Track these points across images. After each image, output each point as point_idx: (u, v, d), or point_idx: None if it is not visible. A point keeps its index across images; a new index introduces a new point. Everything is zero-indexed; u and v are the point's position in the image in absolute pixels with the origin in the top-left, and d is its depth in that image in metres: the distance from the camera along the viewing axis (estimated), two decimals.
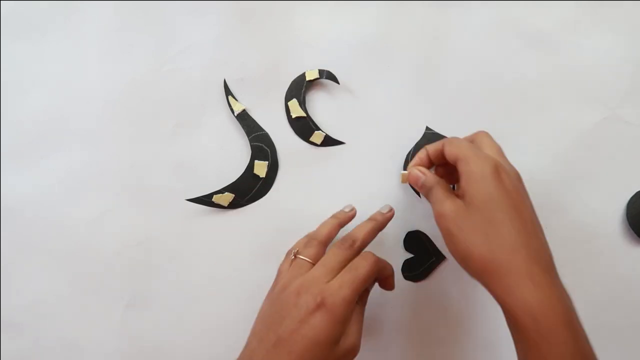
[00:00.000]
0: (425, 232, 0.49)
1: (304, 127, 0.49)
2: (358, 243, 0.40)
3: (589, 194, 0.49)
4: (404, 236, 0.49)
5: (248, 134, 0.49)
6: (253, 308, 0.42)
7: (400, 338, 0.48)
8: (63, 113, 0.49)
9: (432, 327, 0.48)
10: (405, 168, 0.48)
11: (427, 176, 0.41)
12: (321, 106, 0.50)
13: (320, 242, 0.41)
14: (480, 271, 0.36)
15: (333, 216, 0.45)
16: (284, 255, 0.43)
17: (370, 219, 0.43)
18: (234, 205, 0.48)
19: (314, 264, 0.39)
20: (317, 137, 0.49)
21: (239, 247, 0.48)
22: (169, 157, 0.49)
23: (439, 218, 0.38)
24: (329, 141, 0.49)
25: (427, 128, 0.49)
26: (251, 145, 0.48)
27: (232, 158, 0.49)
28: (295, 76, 0.49)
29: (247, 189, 0.48)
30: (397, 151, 0.49)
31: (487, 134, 0.41)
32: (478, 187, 0.36)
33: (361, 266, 0.38)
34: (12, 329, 0.47)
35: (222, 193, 0.48)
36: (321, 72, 0.49)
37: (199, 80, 0.49)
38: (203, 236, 0.48)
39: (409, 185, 0.49)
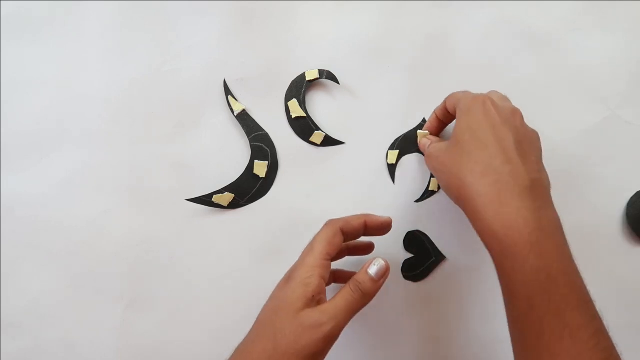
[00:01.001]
0: (425, 232, 0.49)
1: (304, 127, 0.49)
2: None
3: (589, 193, 0.49)
4: (404, 236, 0.49)
5: (248, 134, 0.49)
6: (253, 308, 0.42)
7: (400, 338, 0.48)
8: (63, 113, 0.49)
9: (432, 327, 0.48)
10: (391, 148, 0.49)
11: (432, 141, 0.45)
12: (321, 106, 0.50)
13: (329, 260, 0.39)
14: (456, 198, 0.37)
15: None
16: (282, 255, 0.43)
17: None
18: (234, 205, 0.48)
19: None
20: (317, 137, 0.49)
21: (239, 247, 0.48)
22: (169, 157, 0.49)
23: (426, 160, 0.43)
24: (329, 141, 0.49)
25: (424, 120, 0.49)
26: (251, 145, 0.48)
27: (232, 158, 0.49)
28: (295, 76, 0.49)
29: (247, 189, 0.48)
30: None
31: (496, 91, 0.42)
32: (461, 121, 0.38)
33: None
34: (12, 329, 0.47)
35: (222, 193, 0.48)
36: (321, 72, 0.49)
37: (199, 80, 0.49)
38: (203, 236, 0.48)
39: (408, 185, 0.49)
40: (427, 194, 0.49)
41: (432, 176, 0.49)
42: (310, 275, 0.36)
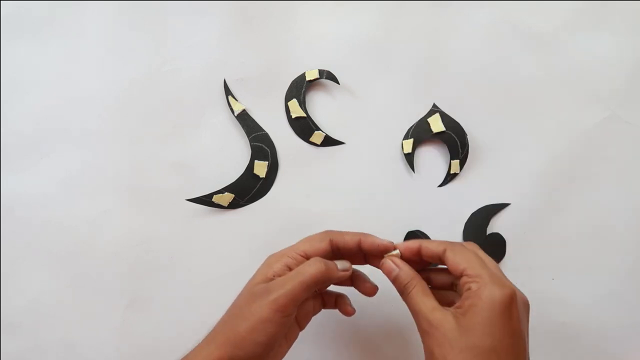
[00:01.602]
0: (425, 232, 0.49)
1: (304, 127, 0.49)
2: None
3: (589, 193, 0.49)
4: (404, 236, 0.49)
5: (248, 134, 0.49)
6: None
7: (400, 338, 0.48)
8: (63, 113, 0.49)
9: None
10: (405, 138, 0.49)
11: (404, 269, 0.36)
12: (321, 106, 0.50)
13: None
14: None
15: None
16: None
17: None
18: (234, 205, 0.48)
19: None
20: (317, 137, 0.49)
21: (239, 247, 0.48)
22: (169, 157, 0.49)
23: (424, 335, 0.34)
24: (329, 141, 0.49)
25: (434, 105, 0.49)
26: (251, 145, 0.48)
27: (232, 158, 0.49)
28: (295, 76, 0.49)
29: (247, 189, 0.48)
30: (397, 151, 0.49)
31: (478, 247, 0.37)
32: (481, 318, 0.32)
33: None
34: (12, 329, 0.47)
35: (222, 193, 0.48)
36: (321, 72, 0.49)
37: (199, 80, 0.49)
38: (203, 236, 0.48)
39: (407, 186, 0.49)
40: (449, 177, 0.49)
41: (452, 159, 0.48)
42: (277, 260, 0.37)
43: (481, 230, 0.48)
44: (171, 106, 0.49)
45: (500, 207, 0.49)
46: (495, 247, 0.48)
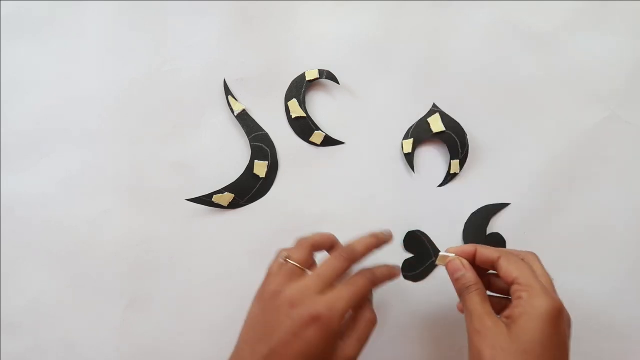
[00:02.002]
0: (425, 232, 0.49)
1: (304, 127, 0.49)
2: (356, 255, 0.39)
3: (589, 193, 0.49)
4: (404, 236, 0.49)
5: (248, 134, 0.49)
6: None
7: (400, 338, 0.48)
8: (63, 113, 0.49)
9: (432, 327, 0.48)
10: (405, 138, 0.49)
11: (468, 273, 0.38)
12: (321, 106, 0.50)
13: (312, 246, 0.39)
14: None
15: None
16: None
17: (372, 235, 0.41)
18: (234, 205, 0.48)
19: (304, 270, 0.38)
20: (317, 137, 0.49)
21: (239, 247, 0.48)
22: (169, 157, 0.49)
23: (475, 334, 0.35)
24: (329, 141, 0.49)
25: (434, 105, 0.49)
26: (251, 145, 0.48)
27: (232, 158, 0.49)
28: (295, 76, 0.49)
29: (247, 189, 0.48)
30: (397, 151, 0.49)
31: (537, 258, 0.38)
32: (533, 326, 0.33)
33: (358, 282, 0.37)
34: (12, 329, 0.47)
35: (222, 193, 0.48)
36: (321, 72, 0.49)
37: (199, 80, 0.49)
38: (203, 236, 0.48)
39: (407, 186, 0.49)
40: (449, 177, 0.49)
41: (452, 159, 0.48)
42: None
43: (481, 230, 0.48)
44: (171, 106, 0.49)
45: (500, 207, 0.49)
46: (496, 247, 0.48)
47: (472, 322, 0.36)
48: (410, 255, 0.49)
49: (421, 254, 0.48)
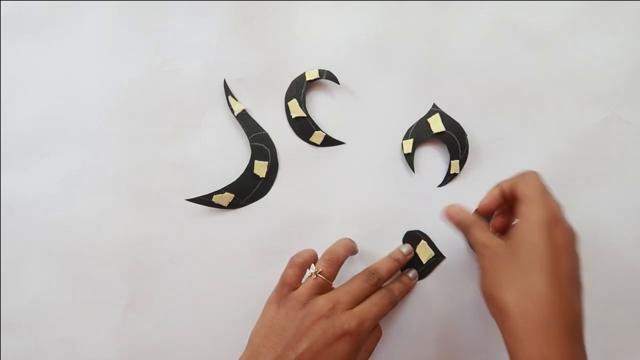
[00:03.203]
0: (425, 232, 0.49)
1: (304, 127, 0.49)
2: (381, 282, 0.42)
3: (589, 194, 0.49)
4: (403, 236, 0.49)
5: (248, 134, 0.49)
6: (253, 308, 0.42)
7: (400, 337, 0.48)
8: (63, 113, 0.49)
9: (432, 327, 0.48)
10: (405, 138, 0.49)
11: (464, 214, 0.41)
12: (321, 106, 0.50)
13: (340, 263, 0.42)
14: (499, 312, 0.35)
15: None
16: (283, 256, 0.43)
17: (394, 259, 0.45)
18: (234, 205, 0.48)
19: (331, 284, 0.41)
20: (317, 137, 0.49)
21: (238, 247, 0.48)
22: (169, 157, 0.49)
23: (483, 250, 0.37)
24: (329, 141, 0.49)
25: (434, 105, 0.49)
26: (251, 145, 0.49)
27: (232, 158, 0.49)
28: (295, 76, 0.49)
29: (247, 189, 0.48)
30: (397, 151, 0.49)
31: (537, 176, 0.39)
32: (527, 232, 0.35)
33: (383, 303, 0.41)
34: (12, 329, 0.47)
35: (222, 193, 0.48)
36: (321, 72, 0.49)
37: (199, 80, 0.49)
38: (203, 236, 0.48)
39: (407, 186, 0.49)
40: (449, 177, 0.49)
41: (452, 159, 0.48)
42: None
43: None
44: (171, 106, 0.49)
45: None
46: None
47: (477, 249, 0.38)
48: None
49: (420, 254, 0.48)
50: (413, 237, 0.48)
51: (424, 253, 0.47)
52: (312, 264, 0.41)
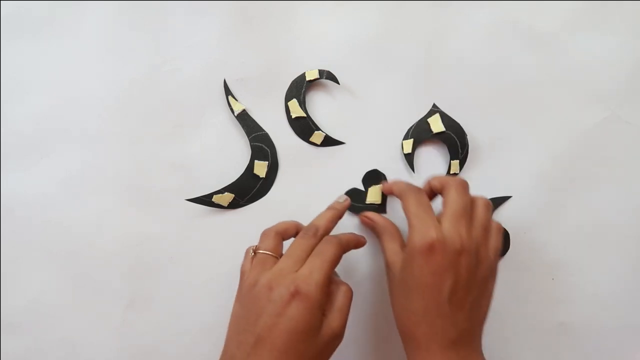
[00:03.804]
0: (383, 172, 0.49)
1: (304, 127, 0.49)
2: (321, 231, 0.40)
3: (589, 193, 0.49)
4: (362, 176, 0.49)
5: (248, 134, 0.49)
6: None
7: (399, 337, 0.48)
8: (63, 113, 0.49)
9: None
10: (405, 138, 0.49)
11: (379, 218, 0.45)
12: (321, 106, 0.50)
13: (277, 233, 0.41)
14: (398, 328, 0.40)
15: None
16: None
17: (330, 207, 0.44)
18: (233, 205, 0.48)
19: (276, 257, 0.39)
20: (317, 137, 0.49)
21: (239, 247, 0.48)
22: (169, 157, 0.49)
23: (386, 268, 0.41)
24: (329, 141, 0.49)
25: (434, 105, 0.49)
26: (251, 145, 0.49)
27: (232, 158, 0.49)
28: (295, 76, 0.49)
29: (247, 189, 0.48)
30: (397, 151, 0.49)
31: (455, 186, 0.40)
32: (409, 260, 0.37)
33: (327, 249, 0.38)
34: (12, 329, 0.47)
35: (222, 193, 0.48)
36: (321, 72, 0.49)
37: (199, 80, 0.49)
38: (203, 236, 0.48)
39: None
40: None
41: (452, 159, 0.48)
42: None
43: None
44: (171, 106, 0.49)
45: (502, 200, 0.49)
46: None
47: (385, 261, 0.42)
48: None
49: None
50: (373, 176, 0.49)
51: (374, 196, 0.48)
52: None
